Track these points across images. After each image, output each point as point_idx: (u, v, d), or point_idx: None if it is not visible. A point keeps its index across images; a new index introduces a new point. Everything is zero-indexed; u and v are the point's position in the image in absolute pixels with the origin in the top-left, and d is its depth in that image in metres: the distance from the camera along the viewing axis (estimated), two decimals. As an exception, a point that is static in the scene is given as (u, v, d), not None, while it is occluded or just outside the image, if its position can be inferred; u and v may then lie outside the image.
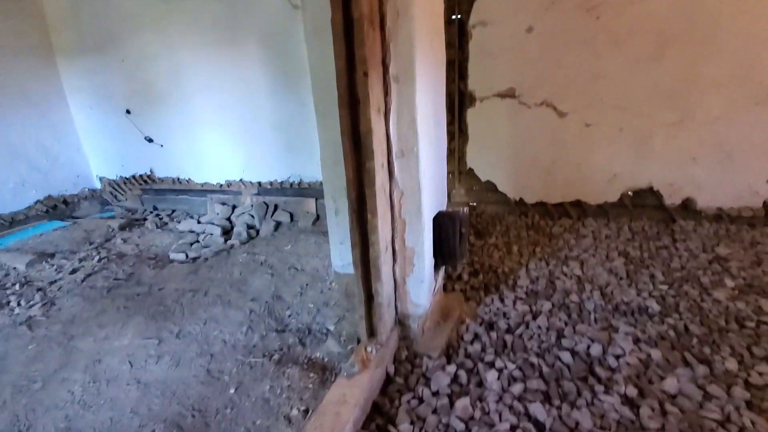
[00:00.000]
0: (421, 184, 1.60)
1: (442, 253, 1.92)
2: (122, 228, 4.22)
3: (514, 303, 2.24)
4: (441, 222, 1.88)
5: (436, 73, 1.70)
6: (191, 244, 3.77)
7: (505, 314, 2.15)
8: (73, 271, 3.24)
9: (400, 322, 1.85)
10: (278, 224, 4.09)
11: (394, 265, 1.73)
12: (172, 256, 3.48)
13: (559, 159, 3.27)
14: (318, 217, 4.12)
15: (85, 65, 4.43)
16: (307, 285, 2.76)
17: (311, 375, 1.83)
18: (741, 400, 1.47)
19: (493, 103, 3.25)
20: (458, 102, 3.34)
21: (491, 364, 1.76)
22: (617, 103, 3.06)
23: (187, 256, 3.44)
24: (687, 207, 3.10)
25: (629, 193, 3.24)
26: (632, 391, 1.56)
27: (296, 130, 3.89)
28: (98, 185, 5.06)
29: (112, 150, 4.76)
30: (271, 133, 4.00)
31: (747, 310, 2.01)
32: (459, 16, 3.12)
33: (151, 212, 4.74)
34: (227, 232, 4.01)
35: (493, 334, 1.97)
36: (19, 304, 2.75)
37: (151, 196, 4.84)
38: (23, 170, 4.34)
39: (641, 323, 1.99)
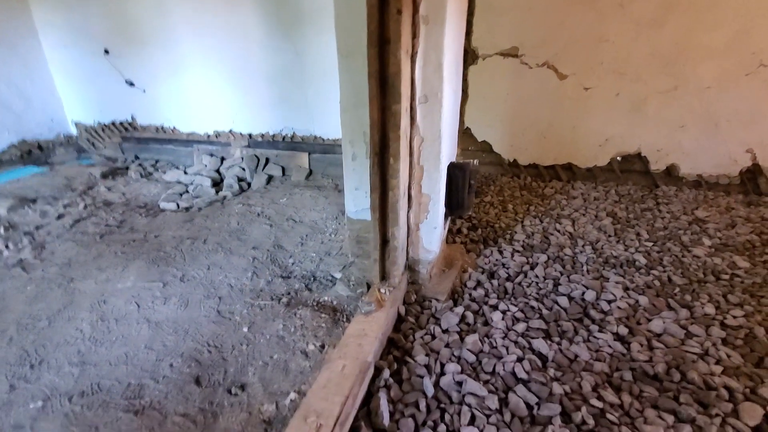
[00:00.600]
0: (441, 131, 1.63)
1: (450, 204, 1.98)
2: (104, 176, 4.06)
3: (512, 255, 2.35)
4: (451, 173, 1.92)
5: (460, 18, 1.68)
6: (181, 194, 3.69)
7: (504, 265, 2.26)
8: (60, 217, 3.13)
9: (410, 267, 1.92)
10: (270, 178, 4.03)
11: (408, 211, 1.78)
12: (163, 205, 3.40)
13: (556, 122, 3.34)
14: (311, 171, 4.09)
15: (59, -2, 4.07)
16: (307, 236, 2.79)
17: (322, 315, 1.90)
18: (717, 338, 1.65)
19: (495, 62, 3.24)
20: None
21: (495, 307, 1.88)
22: (616, 67, 3.12)
23: (178, 206, 3.38)
24: (670, 173, 3.27)
25: (618, 158, 3.37)
26: (623, 330, 1.71)
27: (290, 82, 3.77)
28: (74, 131, 4.79)
29: (90, 94, 4.48)
30: (264, 83, 3.86)
31: (722, 265, 2.19)
32: (467, -33, 3.03)
33: (133, 161, 4.56)
34: (217, 184, 3.93)
35: (495, 282, 2.08)
36: (7, 247, 2.66)
37: (133, 145, 4.64)
38: (-8, 111, 4.05)
39: (629, 274, 2.14)
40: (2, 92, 4.11)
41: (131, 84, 4.25)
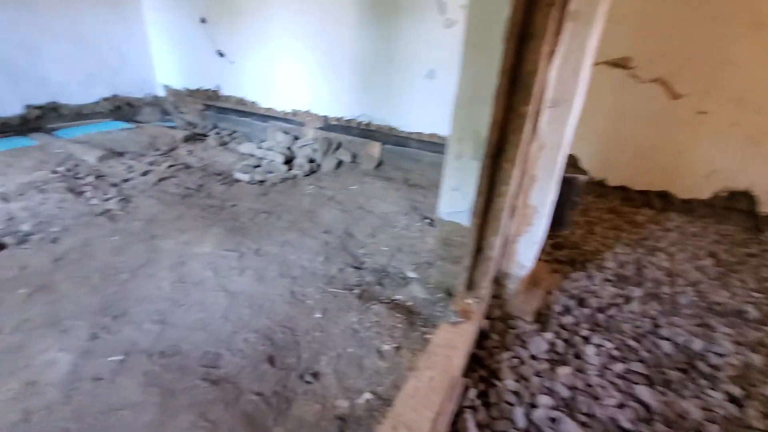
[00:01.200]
0: (564, 138, 1.48)
1: (551, 219, 1.82)
2: (186, 140, 4.22)
3: (603, 284, 2.15)
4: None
5: (604, 18, 1.51)
6: (254, 167, 3.75)
7: (594, 293, 2.07)
8: (145, 173, 3.27)
9: (497, 279, 1.79)
10: (340, 162, 4.01)
11: (509, 221, 1.65)
12: (238, 175, 3.47)
13: (659, 144, 3.04)
14: (381, 162, 4.02)
15: (166, -37, 4.24)
16: (377, 227, 2.72)
17: (398, 315, 1.82)
18: None
19: (600, 71, 2.99)
20: (562, 64, 3.08)
21: (587, 339, 1.71)
22: (739, 94, 2.77)
23: (252, 178, 3.43)
24: (784, 218, 2.88)
25: (723, 193, 3.02)
26: (736, 391, 1.50)
27: (375, 68, 3.70)
28: (162, 93, 5.02)
29: (181, 59, 4.67)
30: (349, 67, 3.82)
31: None
32: (588, -34, 2.79)
33: (212, 129, 4.71)
34: (288, 162, 3.97)
35: (585, 311, 1.91)
36: (95, 196, 2.80)
37: (213, 113, 4.79)
38: (93, 63, 4.30)
39: (738, 326, 1.89)
40: (102, 48, 4.36)
41: (221, 54, 4.36)
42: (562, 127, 1.46)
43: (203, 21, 4.29)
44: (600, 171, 3.30)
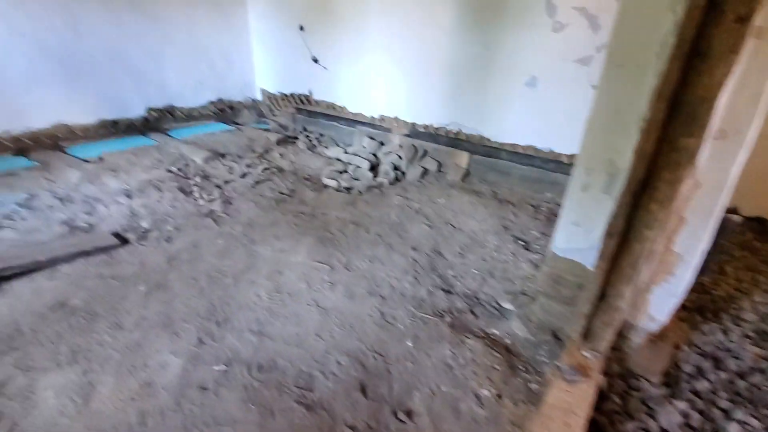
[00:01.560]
0: (729, 177, 1.22)
1: (687, 264, 1.55)
2: (278, 143, 4.41)
3: (742, 340, 1.80)
4: (701, 226, 1.48)
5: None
6: (341, 173, 3.80)
7: (730, 351, 1.74)
8: (243, 176, 3.46)
9: (619, 330, 1.57)
10: (425, 171, 3.92)
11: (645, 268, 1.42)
12: (326, 181, 3.53)
13: (821, 171, 2.51)
14: (468, 172, 3.85)
15: (272, -26, 4.46)
16: (466, 247, 2.58)
17: (495, 354, 1.67)
18: None
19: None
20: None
21: (728, 413, 1.42)
22: None
23: (339, 185, 3.47)
24: None
25: None
26: None
27: (470, 75, 3.54)
28: (259, 97, 5.32)
29: (278, 65, 4.90)
30: (442, 73, 3.70)
31: None
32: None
33: (301, 132, 4.89)
34: (374, 168, 3.96)
35: (722, 374, 1.60)
36: (201, 197, 3.01)
37: (304, 117, 4.96)
38: (204, 69, 4.68)
39: None
40: (213, 56, 4.72)
41: (316, 60, 4.49)
42: (728, 164, 1.21)
43: (301, 28, 4.45)
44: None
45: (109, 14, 3.78)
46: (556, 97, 3.19)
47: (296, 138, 4.69)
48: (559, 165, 3.38)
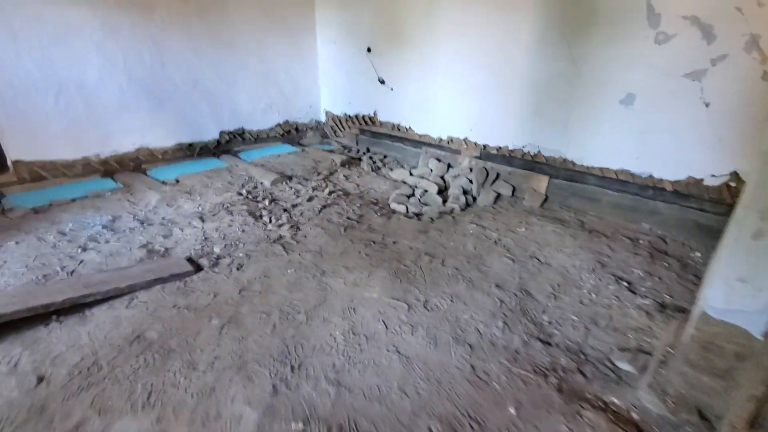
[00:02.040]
0: None
1: None
2: (343, 164, 4.36)
3: None
4: None
5: None
6: (408, 197, 3.63)
7: None
8: (310, 199, 3.39)
9: (799, 419, 1.21)
10: (498, 196, 3.64)
11: None
12: (394, 206, 3.37)
13: None
14: (546, 198, 3.52)
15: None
16: (558, 286, 2.27)
17: (622, 433, 1.36)
18: None
19: None
20: None
21: None
22: None
23: (407, 210, 3.30)
24: None
25: None
26: None
27: (553, 92, 3.25)
28: (323, 118, 5.36)
29: (344, 86, 4.90)
30: (518, 92, 3.44)
31: None
32: None
33: (365, 153, 4.81)
34: (441, 192, 3.76)
35: None
36: (270, 221, 2.96)
37: (367, 138, 4.90)
38: (273, 93, 4.78)
39: None
40: (281, 78, 4.81)
41: (382, 82, 4.42)
42: None
43: (369, 51, 4.41)
44: None
45: (190, 43, 3.96)
46: (657, 116, 2.81)
47: (360, 159, 4.62)
48: (660, 192, 2.97)
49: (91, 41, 3.41)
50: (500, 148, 3.76)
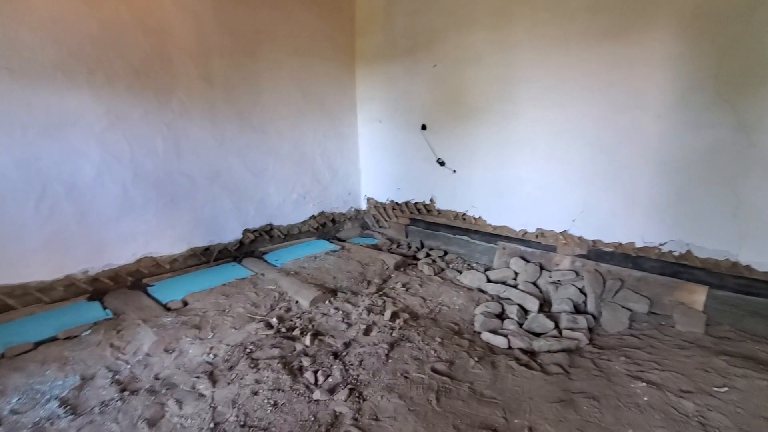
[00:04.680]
0: None
1: None
2: (397, 267, 3.39)
3: None
4: None
5: None
6: (498, 316, 2.59)
7: None
8: (368, 331, 2.37)
9: None
10: (631, 315, 2.55)
11: None
12: (487, 337, 2.32)
13: None
14: (708, 318, 2.41)
15: (387, 72, 3.89)
16: None
17: None
18: None
19: None
20: None
21: None
22: None
23: (509, 344, 2.24)
24: None
25: None
26: None
27: (705, 172, 2.33)
28: (363, 206, 4.54)
29: (390, 170, 4.13)
30: (650, 170, 2.53)
31: None
32: None
33: (418, 248, 3.87)
34: (542, 307, 2.70)
35: None
36: (316, 380, 1.92)
37: (420, 229, 3.99)
38: (307, 181, 4.03)
39: None
40: (317, 164, 4.08)
41: (442, 163, 3.62)
42: None
43: (423, 128, 3.68)
44: None
45: (214, 129, 3.29)
46: None
47: (415, 257, 3.66)
48: None
49: (91, 132, 2.73)
50: (620, 244, 2.75)
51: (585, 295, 2.73)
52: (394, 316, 2.55)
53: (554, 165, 2.95)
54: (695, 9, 2.21)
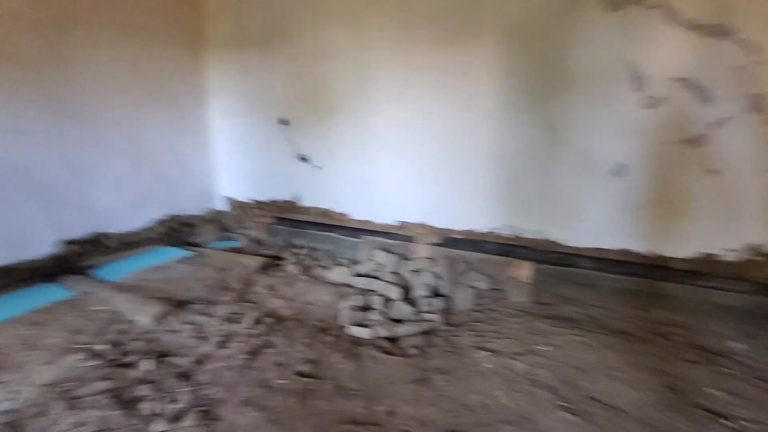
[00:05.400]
0: None
1: None
2: (261, 270, 3.18)
3: None
4: None
5: None
6: (364, 309, 2.63)
7: None
8: (223, 342, 2.15)
9: None
10: (476, 292, 2.87)
11: None
12: (353, 330, 2.34)
13: None
14: (533, 287, 2.86)
15: (242, 63, 3.61)
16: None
17: None
18: None
19: None
20: None
21: None
22: None
23: (374, 334, 2.29)
24: None
25: None
26: None
27: (528, 166, 2.75)
28: (222, 207, 4.15)
29: (251, 167, 3.85)
30: (485, 166, 2.88)
31: None
32: None
33: (284, 248, 3.71)
34: (406, 295, 2.86)
35: None
36: (156, 410, 1.65)
37: (286, 228, 3.84)
38: (149, 180, 3.48)
39: None
40: (163, 159, 3.58)
41: (304, 159, 3.52)
42: None
43: (284, 123, 3.53)
44: None
45: (7, 114, 2.58)
46: (658, 188, 2.43)
47: (280, 257, 3.50)
48: (670, 272, 2.53)
49: None
50: (468, 231, 3.07)
51: (440, 279, 2.97)
52: (257, 321, 2.38)
53: (410, 161, 3.13)
54: (512, 25, 2.58)
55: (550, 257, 2.83)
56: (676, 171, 2.37)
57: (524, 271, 2.92)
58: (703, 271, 2.45)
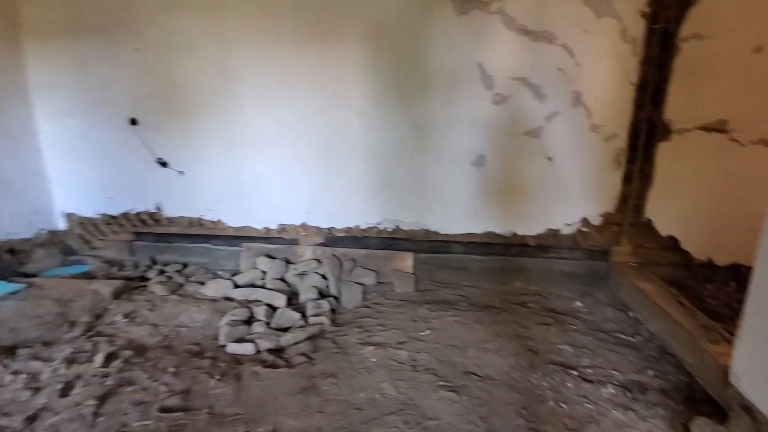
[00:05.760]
0: None
1: None
2: (117, 295, 2.74)
3: None
4: None
5: None
6: (246, 322, 2.45)
7: None
8: (65, 390, 1.78)
9: None
10: (363, 288, 2.90)
11: None
12: (233, 348, 2.16)
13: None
14: (416, 277, 3.00)
15: (74, 54, 3.02)
16: (525, 410, 1.66)
17: None
18: None
19: (695, 138, 2.52)
20: (646, 134, 2.57)
21: None
22: None
23: (258, 348, 2.15)
24: None
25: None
26: None
27: (401, 160, 2.85)
28: (62, 226, 3.45)
29: (98, 176, 3.26)
30: (361, 163, 2.90)
31: None
32: (663, 26, 2.40)
33: (149, 267, 3.27)
34: (292, 301, 2.74)
35: None
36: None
37: (149, 243, 3.37)
38: (-51, 202, 2.72)
39: None
40: (-31, 176, 2.83)
41: (163, 164, 3.12)
42: None
43: (134, 123, 3.07)
44: (705, 251, 2.73)
45: None
46: (510, 175, 2.74)
47: (144, 278, 3.07)
48: (524, 249, 2.88)
49: None
50: (350, 228, 3.08)
51: (327, 279, 2.92)
52: (110, 357, 2.02)
53: (286, 160, 3.00)
54: (376, 24, 2.63)
55: (428, 246, 3.00)
56: (523, 160, 2.70)
57: (407, 261, 3.05)
58: (550, 244, 2.85)
